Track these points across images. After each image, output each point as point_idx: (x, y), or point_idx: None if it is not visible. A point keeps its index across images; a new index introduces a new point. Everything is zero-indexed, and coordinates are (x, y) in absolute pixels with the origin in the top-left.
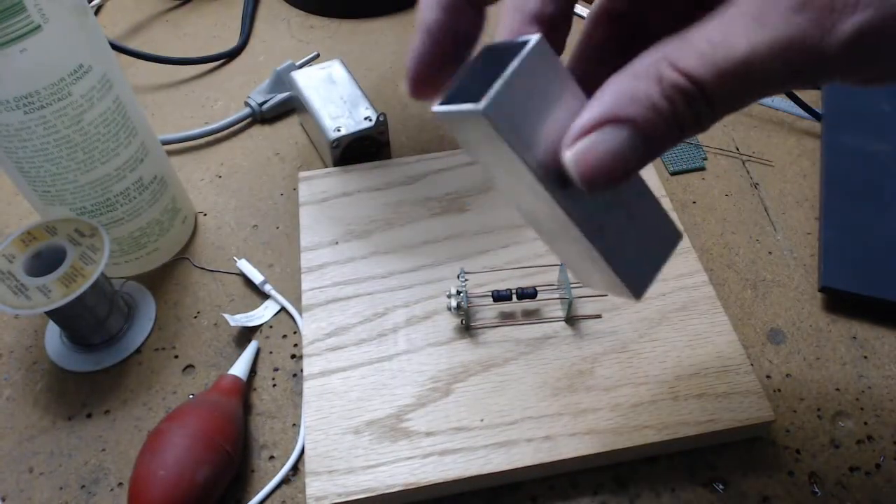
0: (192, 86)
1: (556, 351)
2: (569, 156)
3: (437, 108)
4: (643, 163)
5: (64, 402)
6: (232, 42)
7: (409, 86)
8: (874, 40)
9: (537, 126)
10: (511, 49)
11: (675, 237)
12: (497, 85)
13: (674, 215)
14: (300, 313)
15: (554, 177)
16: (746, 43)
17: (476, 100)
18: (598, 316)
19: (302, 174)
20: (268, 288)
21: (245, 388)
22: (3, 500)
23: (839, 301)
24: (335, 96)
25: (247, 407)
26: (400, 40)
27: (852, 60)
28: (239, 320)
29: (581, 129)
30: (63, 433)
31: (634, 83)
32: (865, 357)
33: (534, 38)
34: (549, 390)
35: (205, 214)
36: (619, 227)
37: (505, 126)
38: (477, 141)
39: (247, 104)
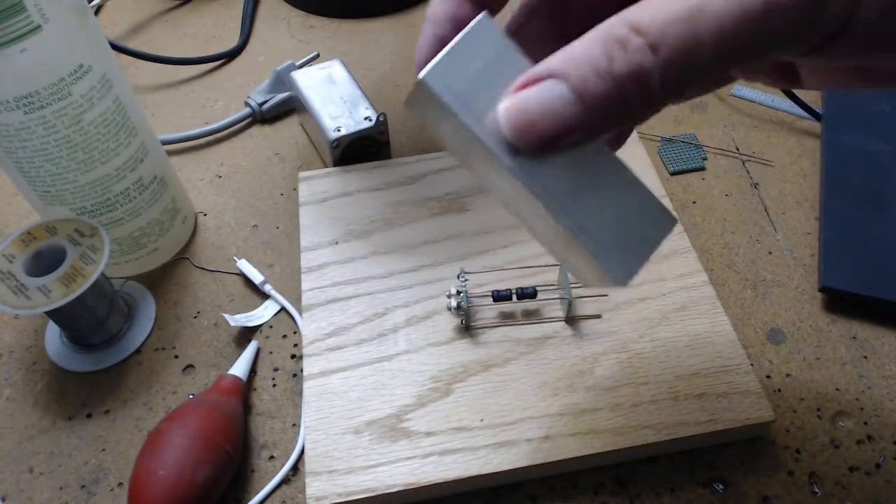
0: (192, 86)
1: (556, 351)
2: (501, 109)
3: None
4: (584, 127)
5: (64, 402)
6: (232, 42)
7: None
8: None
9: (484, 94)
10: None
11: (667, 223)
12: (439, 56)
13: (674, 215)
14: (300, 313)
15: (506, 145)
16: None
17: None
18: (598, 316)
19: (302, 174)
20: (268, 288)
21: (245, 388)
22: (3, 500)
23: (839, 301)
24: (335, 96)
25: (247, 407)
26: (400, 40)
27: (801, 12)
28: (239, 320)
29: (517, 85)
30: (63, 433)
31: (583, 42)
32: (865, 357)
33: (479, 16)
34: (549, 390)
35: (205, 214)
36: (593, 208)
37: (449, 94)
38: (435, 120)
39: (247, 104)
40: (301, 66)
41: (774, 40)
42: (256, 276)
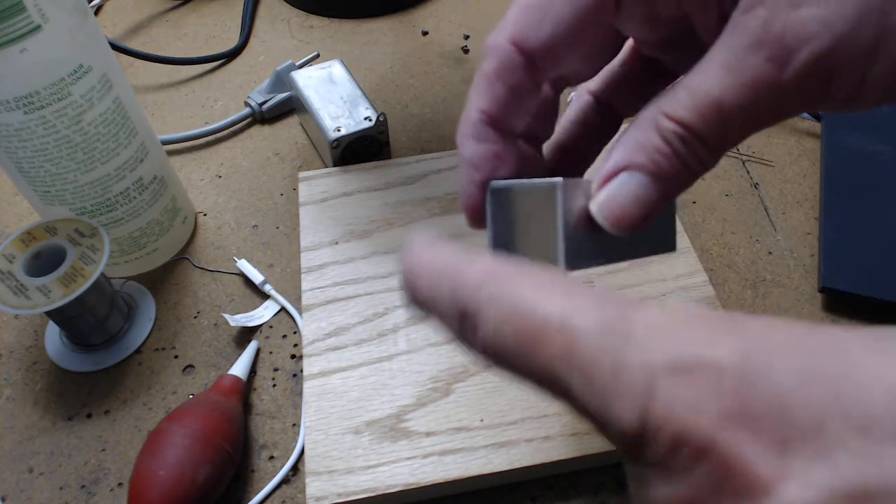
0: (192, 86)
1: None
2: (594, 205)
3: (496, 183)
4: (662, 202)
5: (64, 402)
6: (232, 42)
7: (468, 220)
8: (826, 66)
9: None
10: (530, 188)
11: (666, 246)
12: (560, 245)
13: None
14: (300, 313)
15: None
16: (718, 88)
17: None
18: None
19: (302, 174)
20: (268, 288)
21: (245, 388)
22: (3, 500)
23: (839, 301)
24: (335, 96)
25: (247, 407)
26: (400, 40)
27: (811, 89)
28: (239, 320)
29: (603, 177)
30: (63, 433)
31: (639, 133)
32: None
33: (558, 184)
34: None
35: (205, 214)
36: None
37: (584, 262)
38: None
39: (247, 104)
40: (301, 66)
41: (790, 112)
42: (256, 276)
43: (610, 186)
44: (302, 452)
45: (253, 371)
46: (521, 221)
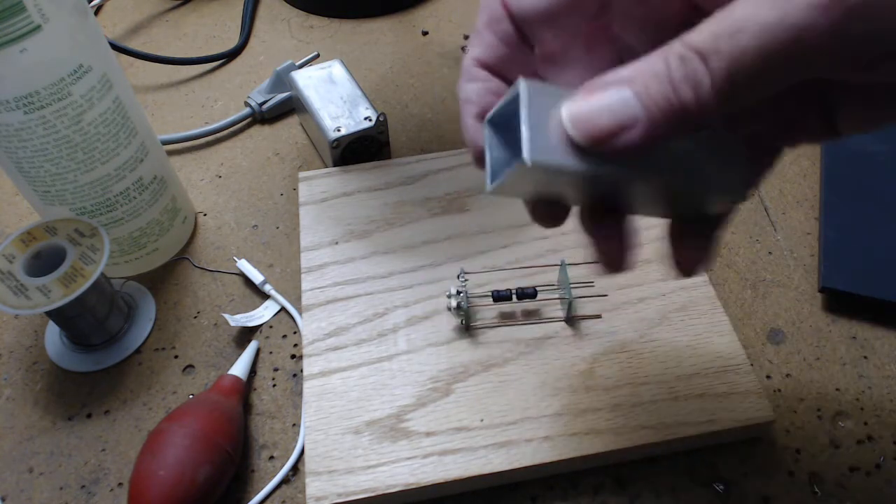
0: (192, 86)
1: (556, 351)
2: (564, 107)
3: (489, 188)
4: (642, 132)
5: (64, 402)
6: (232, 42)
7: (473, 160)
8: (882, 17)
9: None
10: (509, 106)
11: (735, 193)
12: (524, 133)
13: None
14: (300, 313)
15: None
16: (750, 15)
17: (512, 157)
18: (598, 316)
19: (302, 174)
20: (268, 288)
21: (245, 388)
22: (3, 500)
23: (839, 301)
24: (335, 96)
25: (247, 407)
26: (400, 40)
27: (854, 41)
28: (239, 320)
29: (588, 87)
30: (63, 433)
31: (646, 59)
32: (865, 357)
33: (520, 81)
34: (549, 390)
35: (205, 214)
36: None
37: (553, 156)
38: (534, 186)
39: (247, 104)
40: (301, 66)
41: (813, 56)
42: (256, 276)
43: (590, 95)
44: (302, 452)
45: (253, 371)
46: (512, 144)
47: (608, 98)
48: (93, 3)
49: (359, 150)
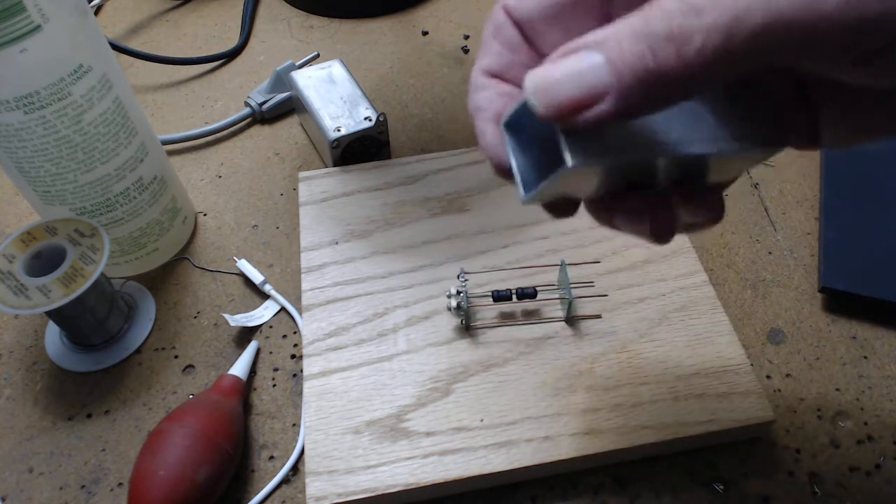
0: (192, 86)
1: (556, 351)
2: (528, 75)
3: (524, 199)
4: (614, 104)
5: (64, 402)
6: (232, 42)
7: (493, 169)
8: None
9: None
10: (525, 107)
11: (776, 137)
12: (561, 139)
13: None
14: (300, 313)
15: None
16: None
17: (538, 160)
18: (598, 316)
19: (302, 174)
20: (268, 288)
21: (245, 388)
22: (3, 500)
23: (839, 301)
24: (335, 96)
25: (247, 407)
26: (400, 40)
27: (856, 31)
28: (239, 320)
29: (557, 52)
30: (63, 433)
31: (620, 19)
32: (865, 357)
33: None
34: (549, 390)
35: (205, 214)
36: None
37: (592, 157)
38: (573, 183)
39: (247, 104)
40: (301, 66)
41: (823, 29)
42: (256, 276)
43: (556, 61)
44: (302, 452)
45: (253, 371)
46: (535, 141)
47: (575, 63)
48: (93, 3)
49: (359, 150)
